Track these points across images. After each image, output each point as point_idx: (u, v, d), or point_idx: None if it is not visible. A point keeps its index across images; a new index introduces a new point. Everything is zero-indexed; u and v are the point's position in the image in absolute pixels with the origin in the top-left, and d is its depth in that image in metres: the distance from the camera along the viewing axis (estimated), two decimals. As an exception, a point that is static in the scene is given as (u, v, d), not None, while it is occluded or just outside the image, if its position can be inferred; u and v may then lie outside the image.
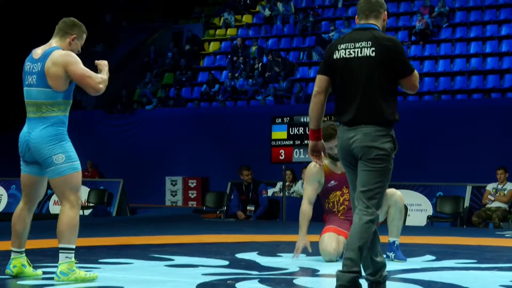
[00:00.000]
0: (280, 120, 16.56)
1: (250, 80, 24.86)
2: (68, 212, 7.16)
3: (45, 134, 7.08)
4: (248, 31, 27.68)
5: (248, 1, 28.65)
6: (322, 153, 6.35)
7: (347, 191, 8.68)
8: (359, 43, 6.30)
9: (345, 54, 6.31)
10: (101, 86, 7.21)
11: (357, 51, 6.29)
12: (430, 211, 16.82)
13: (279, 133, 16.52)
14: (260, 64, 25.04)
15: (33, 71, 7.11)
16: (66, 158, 7.16)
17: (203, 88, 25.48)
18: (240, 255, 9.10)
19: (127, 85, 26.93)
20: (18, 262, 7.18)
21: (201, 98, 25.32)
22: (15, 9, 29.53)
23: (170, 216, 18.52)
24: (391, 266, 8.19)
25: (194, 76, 26.78)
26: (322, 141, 6.41)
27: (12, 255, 7.21)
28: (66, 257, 7.02)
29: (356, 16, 6.49)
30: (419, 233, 12.85)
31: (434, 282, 7.05)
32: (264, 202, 16.54)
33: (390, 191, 8.80)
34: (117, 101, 26.37)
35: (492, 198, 15.98)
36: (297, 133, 16.24)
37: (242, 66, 25.46)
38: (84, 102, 27.37)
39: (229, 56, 26.28)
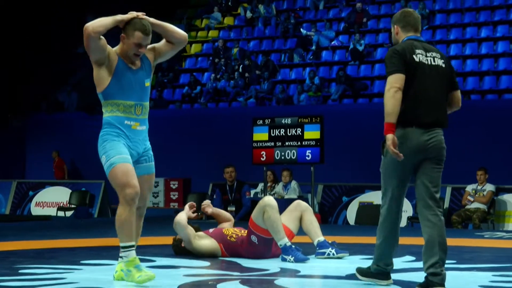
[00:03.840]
0: (261, 121, 16.57)
1: (231, 81, 24.86)
2: (118, 209, 6.86)
3: (99, 136, 7.01)
4: (229, 33, 27.69)
5: (230, 3, 28.66)
6: None
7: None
8: (430, 53, 6.71)
9: (423, 59, 6.64)
10: (86, 27, 6.83)
11: (430, 60, 6.68)
12: (410, 212, 16.87)
13: (260, 135, 16.52)
14: (242, 66, 25.06)
15: None
16: (106, 158, 6.93)
17: (184, 90, 25.47)
18: (221, 257, 9.11)
19: (109, 86, 26.89)
20: (118, 267, 6.98)
21: (182, 99, 25.30)
22: (7, 12, 29.37)
23: (151, 217, 18.48)
24: (366, 265, 8.21)
25: (176, 78, 26.77)
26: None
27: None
28: (120, 256, 6.92)
29: (402, 25, 6.87)
30: (399, 234, 12.85)
31: (413, 282, 7.07)
32: (247, 203, 16.58)
33: (295, 202, 9.31)
34: (99, 103, 26.27)
35: (472, 199, 16.05)
36: (278, 134, 16.26)
37: (223, 68, 25.47)
38: (66, 103, 27.30)
39: (211, 58, 26.29)
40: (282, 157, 16.21)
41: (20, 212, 20.90)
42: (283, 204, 10.85)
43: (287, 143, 16.18)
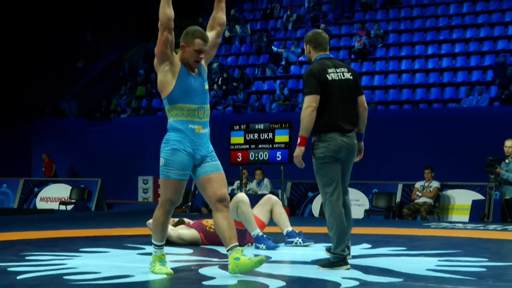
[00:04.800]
0: (238, 127, 16.57)
1: (212, 92, 24.83)
2: (156, 212, 6.64)
3: (164, 139, 6.57)
4: (210, 50, 27.63)
5: (210, 24, 28.61)
6: None
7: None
8: (340, 69, 7.05)
9: (335, 76, 6.98)
10: (160, 18, 6.46)
11: (340, 75, 7.02)
12: (367, 206, 16.92)
13: (237, 138, 16.53)
14: (221, 78, 25.04)
15: None
16: (164, 163, 6.49)
17: (171, 99, 25.39)
18: (202, 245, 9.10)
19: (105, 96, 26.82)
20: (237, 254, 6.60)
21: (169, 108, 25.22)
22: (7, 12, 28.88)
23: (142, 210, 18.45)
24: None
25: (163, 89, 26.67)
26: None
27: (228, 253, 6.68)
28: (153, 251, 6.74)
29: (314, 46, 7.16)
30: (357, 224, 12.86)
31: (370, 267, 7.08)
32: (225, 198, 16.55)
33: (266, 196, 9.32)
34: (97, 110, 26.24)
35: (420, 194, 16.09)
36: (253, 138, 16.27)
37: (205, 80, 25.41)
38: (67, 111, 27.21)
39: (194, 72, 26.22)
40: (256, 158, 16.22)
41: (26, 206, 20.81)
42: (257, 198, 10.84)
43: (260, 146, 16.18)
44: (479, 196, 15.64)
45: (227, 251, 6.57)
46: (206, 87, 6.61)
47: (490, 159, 13.90)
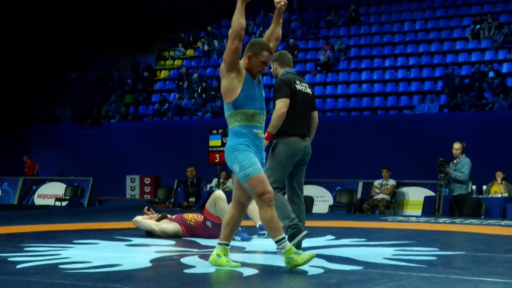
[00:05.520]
0: (216, 131, 16.59)
1: (192, 100, 24.81)
2: (261, 211, 6.22)
3: (227, 145, 6.20)
4: (191, 62, 27.62)
5: (191, 39, 28.60)
6: None
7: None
8: (303, 83, 7.42)
9: (300, 88, 7.31)
10: (233, 26, 6.07)
11: (303, 88, 7.38)
12: (331, 201, 16.97)
13: (215, 141, 16.54)
14: (200, 87, 25.01)
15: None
16: (240, 168, 6.12)
17: (155, 106, 25.36)
18: (183, 237, 9.08)
19: (96, 103, 26.72)
20: (215, 251, 6.43)
21: (154, 114, 25.19)
22: (7, 12, 28.24)
23: (129, 206, 18.38)
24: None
25: (148, 97, 26.65)
26: None
27: (217, 245, 6.47)
28: (280, 247, 6.20)
29: (280, 63, 7.48)
30: (322, 218, 12.93)
31: (334, 256, 7.09)
32: (204, 195, 16.54)
33: None
34: (89, 116, 26.13)
35: (378, 191, 16.17)
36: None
37: (186, 89, 25.39)
38: (62, 117, 27.09)
39: (176, 82, 26.20)
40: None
41: (25, 202, 20.69)
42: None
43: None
44: (430, 193, 15.73)
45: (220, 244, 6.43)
46: (263, 94, 6.45)
47: (441, 159, 13.97)
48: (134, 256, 7.38)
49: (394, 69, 23.30)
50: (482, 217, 13.51)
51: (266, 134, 7.06)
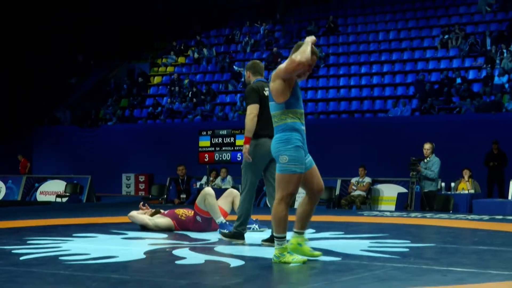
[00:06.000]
0: (205, 132, 16.57)
1: (183, 104, 24.77)
2: (274, 206, 6.13)
3: (279, 136, 6.12)
4: (182, 69, 27.57)
5: (182, 47, 28.56)
6: None
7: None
8: (267, 89, 7.25)
9: (267, 94, 7.32)
10: (298, 58, 6.05)
11: (267, 93, 7.29)
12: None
13: (204, 142, 16.52)
14: (191, 92, 24.98)
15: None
16: (289, 160, 6.02)
17: (149, 110, 25.30)
18: (175, 231, 9.07)
19: (94, 107, 26.63)
20: (294, 241, 6.23)
21: (148, 117, 25.13)
22: (7, 12, 27.54)
23: (125, 202, 18.35)
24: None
25: (143, 101, 26.57)
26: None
27: (293, 235, 6.29)
28: (277, 244, 6.12)
29: (252, 72, 7.71)
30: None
31: (314, 248, 7.10)
32: (194, 192, 16.52)
33: (228, 190, 9.34)
34: (87, 119, 26.04)
35: (355, 188, 16.18)
36: (218, 142, 16.28)
37: (177, 94, 25.36)
38: (62, 119, 26.98)
39: (168, 87, 26.15)
40: (220, 158, 16.22)
41: (28, 198, 20.58)
42: (221, 192, 10.82)
43: (223, 148, 16.19)
44: (403, 189, 15.75)
45: (296, 233, 6.29)
46: None
47: (413, 159, 14.01)
48: (130, 248, 7.38)
49: (370, 75, 23.35)
50: (450, 212, 13.56)
51: (244, 138, 7.37)
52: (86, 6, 28.86)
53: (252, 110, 7.36)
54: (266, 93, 7.36)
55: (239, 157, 15.93)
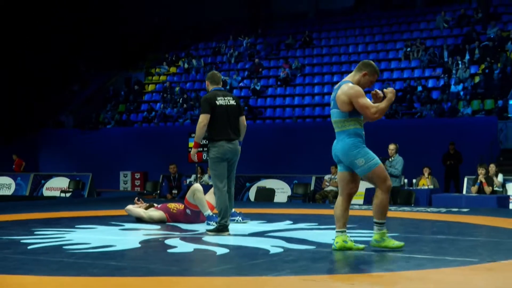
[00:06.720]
0: (194, 135, 16.50)
1: (175, 109, 24.74)
2: (379, 196, 6.03)
3: (346, 143, 6.11)
4: (173, 78, 27.52)
5: (173, 58, 28.52)
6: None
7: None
8: (227, 97, 7.69)
9: (222, 102, 7.60)
10: (375, 116, 6.11)
11: (227, 101, 7.66)
12: (289, 193, 16.98)
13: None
14: (181, 99, 24.95)
15: (331, 97, 6.23)
16: (365, 160, 6.04)
17: (144, 114, 25.24)
18: (167, 223, 9.06)
19: (95, 112, 26.52)
20: (339, 239, 6.16)
21: (143, 120, 25.07)
22: (7, 12, 26.26)
23: (122, 197, 18.28)
24: (261, 227, 8.25)
25: (138, 106, 26.50)
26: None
27: (336, 234, 6.23)
28: (378, 229, 6.06)
29: (210, 81, 7.83)
30: (282, 207, 12.96)
31: (291, 237, 7.12)
32: (184, 188, 16.47)
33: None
34: (88, 122, 25.93)
35: (328, 184, 16.20)
36: (205, 143, 16.21)
37: (169, 100, 25.31)
38: (66, 123, 26.86)
39: (161, 94, 26.10)
40: (207, 158, 16.18)
41: (36, 194, 20.49)
42: (208, 188, 10.81)
43: (210, 149, 16.15)
44: (370, 185, 15.74)
45: (338, 232, 6.22)
46: None
47: (380, 158, 14.06)
48: (126, 238, 7.36)
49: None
50: (412, 205, 13.63)
51: (194, 143, 7.68)
52: (86, 6, 28.06)
53: (202, 119, 7.51)
54: (220, 101, 7.59)
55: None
